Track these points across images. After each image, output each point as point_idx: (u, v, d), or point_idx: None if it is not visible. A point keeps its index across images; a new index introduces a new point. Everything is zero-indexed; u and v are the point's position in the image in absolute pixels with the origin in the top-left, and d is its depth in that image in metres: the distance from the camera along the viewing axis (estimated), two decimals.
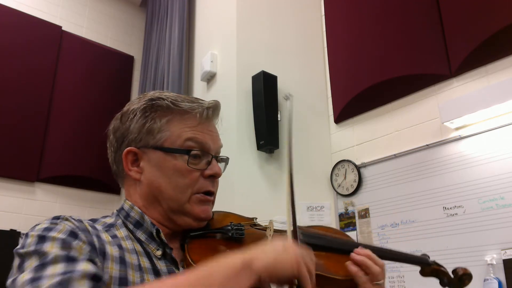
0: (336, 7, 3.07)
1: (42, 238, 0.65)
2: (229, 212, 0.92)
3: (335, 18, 3.08)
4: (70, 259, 0.62)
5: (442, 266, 0.94)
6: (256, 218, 0.94)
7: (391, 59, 2.57)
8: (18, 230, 3.28)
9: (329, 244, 0.86)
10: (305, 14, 3.24)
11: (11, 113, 3.53)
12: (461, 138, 2.23)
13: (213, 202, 0.88)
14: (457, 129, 2.26)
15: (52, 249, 0.63)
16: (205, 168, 0.84)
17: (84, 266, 0.62)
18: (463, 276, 0.87)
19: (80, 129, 3.90)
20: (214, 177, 0.85)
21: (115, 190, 4.04)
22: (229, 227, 0.84)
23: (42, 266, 0.61)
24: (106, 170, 3.70)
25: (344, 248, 0.85)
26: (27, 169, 3.54)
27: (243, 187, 2.54)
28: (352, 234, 2.54)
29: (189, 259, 0.75)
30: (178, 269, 0.78)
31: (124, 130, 0.86)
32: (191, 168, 0.82)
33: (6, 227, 3.30)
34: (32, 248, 0.64)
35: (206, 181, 0.84)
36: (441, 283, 0.92)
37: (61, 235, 0.66)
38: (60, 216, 0.73)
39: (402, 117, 2.55)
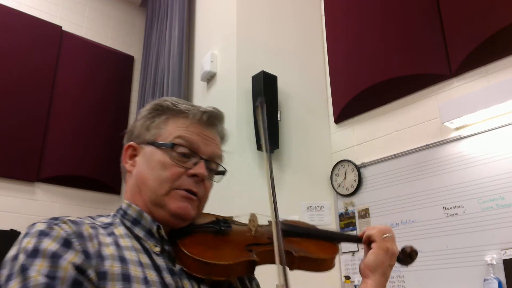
0: (336, 7, 3.07)
1: (34, 252, 0.65)
2: (207, 213, 0.95)
3: (335, 18, 3.08)
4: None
5: None
6: (233, 217, 1.00)
7: (391, 59, 2.57)
8: (18, 230, 3.27)
9: (306, 231, 1.00)
10: (305, 14, 3.24)
11: (11, 113, 3.53)
12: (461, 138, 2.23)
13: (198, 206, 0.87)
14: (457, 129, 2.26)
15: (37, 276, 0.62)
16: (191, 167, 0.84)
17: None
18: (411, 253, 0.98)
19: (80, 129, 3.90)
20: (197, 177, 0.84)
21: (115, 190, 4.04)
22: (217, 221, 0.89)
23: None
24: (106, 170, 3.67)
25: (317, 234, 1.01)
26: (27, 169, 3.54)
27: (243, 187, 2.54)
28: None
29: (185, 251, 0.78)
30: (175, 266, 0.78)
31: (132, 129, 0.92)
32: (174, 162, 0.83)
33: (6, 227, 3.30)
34: (20, 263, 0.64)
35: (189, 180, 0.84)
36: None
37: (54, 245, 0.66)
38: (59, 217, 0.73)
39: (402, 117, 2.55)
